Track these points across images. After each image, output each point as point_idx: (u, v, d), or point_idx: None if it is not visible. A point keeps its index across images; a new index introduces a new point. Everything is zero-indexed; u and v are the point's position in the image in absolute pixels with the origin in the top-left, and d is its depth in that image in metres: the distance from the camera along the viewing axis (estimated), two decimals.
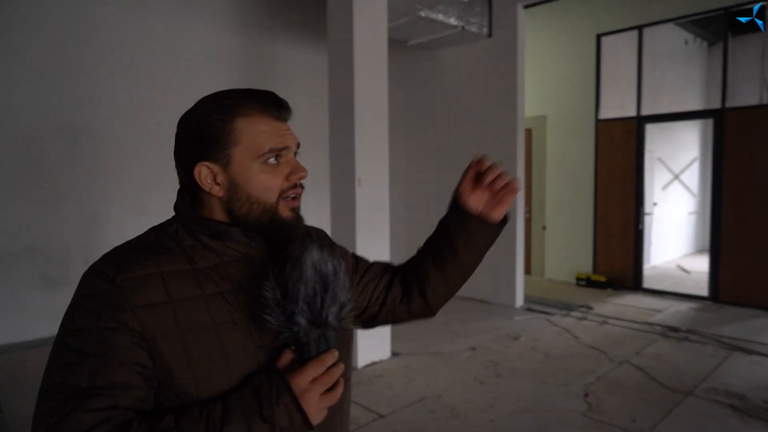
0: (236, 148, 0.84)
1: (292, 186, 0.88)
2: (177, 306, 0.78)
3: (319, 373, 0.77)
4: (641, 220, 6.01)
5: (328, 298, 0.78)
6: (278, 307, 0.77)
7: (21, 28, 4.20)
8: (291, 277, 0.77)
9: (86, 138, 4.57)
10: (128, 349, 0.74)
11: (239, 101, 0.86)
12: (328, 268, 0.79)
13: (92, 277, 0.78)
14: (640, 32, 5.92)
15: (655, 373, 3.63)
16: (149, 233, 0.87)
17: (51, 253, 4.44)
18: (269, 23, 5.61)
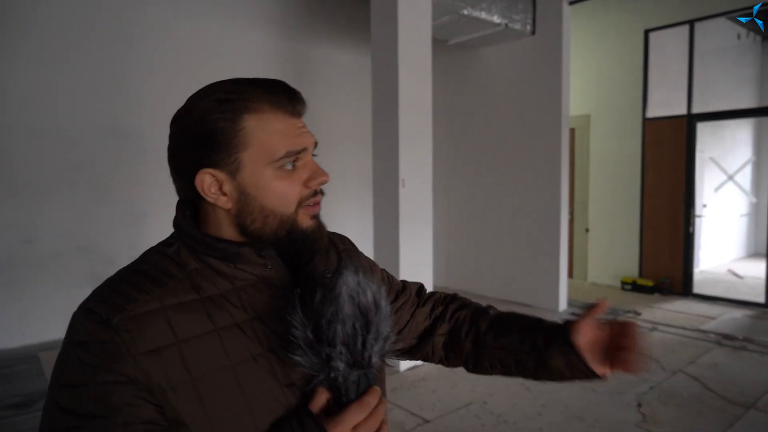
0: (246, 152, 0.71)
1: (313, 193, 0.75)
2: (186, 347, 0.66)
3: (361, 418, 0.67)
4: (692, 222, 5.77)
5: (371, 336, 0.66)
6: (311, 349, 0.65)
7: (70, 35, 4.32)
8: (324, 313, 0.65)
9: (132, 140, 4.68)
10: (134, 406, 0.62)
11: (246, 95, 0.71)
12: (367, 299, 0.67)
13: (83, 319, 0.65)
14: (691, 27, 5.68)
15: (712, 384, 3.46)
16: (147, 257, 0.74)
17: (99, 252, 4.57)
18: (310, 25, 5.63)
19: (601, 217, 6.58)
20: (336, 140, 5.87)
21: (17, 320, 4.17)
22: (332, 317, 0.65)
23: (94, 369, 0.62)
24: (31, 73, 4.16)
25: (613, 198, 6.42)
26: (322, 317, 0.65)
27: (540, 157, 5.33)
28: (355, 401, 0.68)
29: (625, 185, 6.29)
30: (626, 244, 6.30)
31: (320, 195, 0.77)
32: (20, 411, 3.15)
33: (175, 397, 0.64)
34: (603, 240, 6.55)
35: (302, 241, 0.75)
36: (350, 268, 0.69)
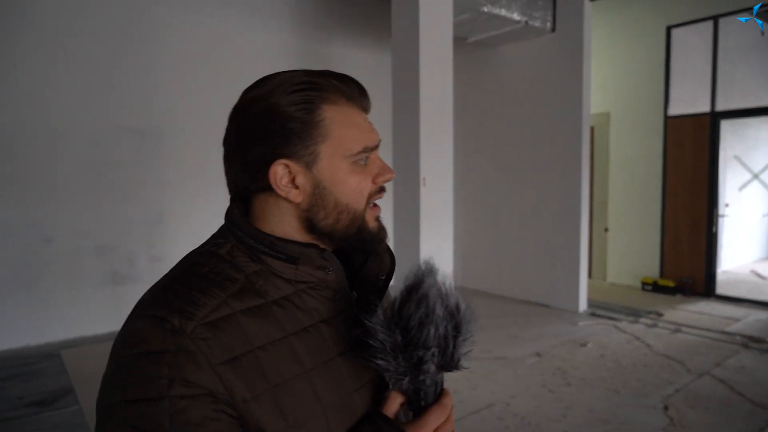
0: (324, 144, 0.68)
1: (379, 190, 0.73)
2: (262, 354, 0.62)
3: (441, 421, 0.67)
4: (715, 222, 5.67)
5: (461, 338, 0.66)
6: (401, 352, 0.63)
7: (91, 36, 4.35)
8: (413, 316, 0.63)
9: (151, 139, 4.70)
10: (215, 420, 0.57)
11: (322, 86, 0.68)
12: (453, 302, 0.67)
13: (149, 328, 0.59)
14: (715, 23, 5.57)
15: (740, 387, 3.38)
16: (199, 260, 0.68)
17: (119, 251, 4.59)
18: (327, 22, 5.62)
19: (620, 216, 6.49)
20: None
21: (38, 318, 4.21)
22: (423, 320, 0.64)
23: (168, 381, 0.57)
24: (52, 74, 4.19)
25: (634, 197, 6.33)
26: (410, 320, 0.64)
27: (560, 156, 5.26)
28: (435, 404, 0.68)
29: (645, 184, 6.20)
30: (647, 244, 6.20)
31: (383, 192, 0.75)
32: (42, 409, 3.17)
33: (257, 407, 0.60)
34: (623, 240, 6.45)
35: (369, 240, 0.73)
36: (433, 272, 0.69)
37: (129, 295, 4.59)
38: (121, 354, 0.60)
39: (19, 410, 3.06)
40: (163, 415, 0.56)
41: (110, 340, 3.09)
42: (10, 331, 4.10)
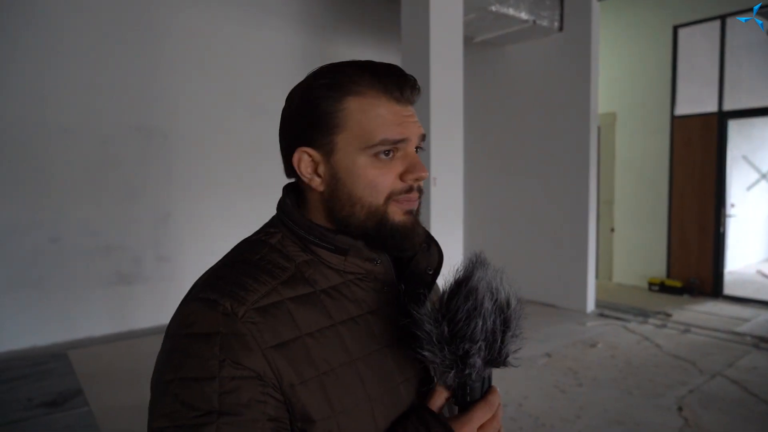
0: (342, 134, 0.68)
1: (407, 189, 0.69)
2: (310, 340, 0.64)
3: (487, 418, 0.66)
4: (722, 222, 5.65)
5: (509, 334, 0.65)
6: (447, 344, 0.63)
7: (98, 34, 4.33)
8: (460, 309, 0.63)
9: (159, 138, 4.68)
10: (262, 402, 0.59)
11: (353, 77, 0.68)
12: (503, 296, 0.66)
13: (203, 310, 0.62)
14: (722, 22, 5.56)
15: (754, 388, 3.36)
16: (251, 248, 0.71)
17: (126, 251, 4.57)
18: (335, 23, 5.60)
19: (626, 216, 6.47)
20: None
21: (45, 318, 4.18)
22: (471, 312, 0.63)
23: (219, 362, 0.59)
24: (60, 74, 4.17)
25: (640, 197, 6.31)
26: (458, 312, 0.63)
27: (568, 156, 5.25)
28: (481, 400, 0.67)
29: (652, 184, 6.18)
30: (653, 245, 6.18)
31: (416, 193, 0.71)
32: (52, 410, 3.15)
33: (304, 392, 0.62)
34: (629, 240, 6.44)
35: (391, 236, 0.70)
36: (485, 264, 0.67)
37: (136, 295, 4.59)
38: (175, 334, 0.63)
39: (29, 411, 3.04)
40: (213, 394, 0.58)
41: (117, 340, 3.09)
42: (18, 332, 4.08)
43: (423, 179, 0.71)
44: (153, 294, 4.66)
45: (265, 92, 5.20)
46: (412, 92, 0.70)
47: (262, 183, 5.19)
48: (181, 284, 4.78)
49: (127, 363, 3.85)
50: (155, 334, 4.46)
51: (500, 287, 0.66)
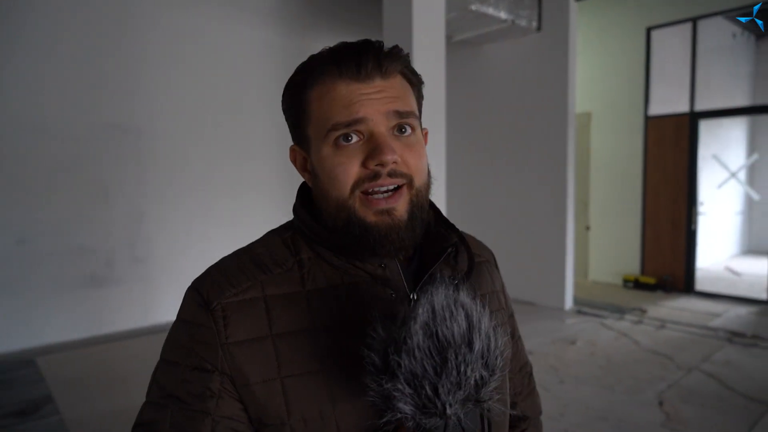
0: (310, 126, 0.65)
1: (371, 176, 0.61)
2: (279, 342, 0.60)
3: None
4: (694, 219, 5.79)
5: (446, 381, 0.50)
6: (375, 378, 0.52)
7: (69, 30, 4.17)
8: (393, 339, 0.51)
9: (132, 136, 4.54)
10: (217, 397, 0.60)
11: (315, 63, 0.65)
12: (452, 331, 0.51)
13: (189, 297, 0.65)
14: (694, 25, 5.70)
15: (730, 382, 3.44)
16: (265, 240, 0.71)
17: (98, 252, 4.42)
18: (314, 21, 5.53)
19: (601, 215, 6.58)
20: None
21: (12, 324, 4.01)
22: (399, 345, 0.51)
23: (187, 351, 0.62)
24: (29, 69, 4.00)
25: (614, 196, 6.42)
26: (390, 343, 0.52)
27: (546, 155, 5.29)
28: None
29: (626, 183, 6.30)
30: (628, 242, 6.30)
31: (389, 179, 0.61)
32: (22, 419, 3.01)
33: (261, 392, 0.60)
34: (604, 238, 6.55)
35: (362, 236, 0.62)
36: (447, 283, 0.55)
37: (109, 298, 4.44)
38: (176, 316, 0.67)
39: None
40: (176, 380, 0.61)
41: (89, 345, 2.97)
42: None
43: (387, 163, 0.61)
44: (127, 296, 4.52)
45: (243, 90, 5.11)
46: (379, 63, 0.62)
47: (240, 182, 5.09)
48: (156, 286, 4.66)
49: (100, 369, 3.72)
50: (129, 338, 4.33)
51: (455, 319, 0.51)
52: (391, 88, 0.63)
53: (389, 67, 0.63)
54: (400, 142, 0.64)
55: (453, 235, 0.71)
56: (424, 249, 0.71)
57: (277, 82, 5.35)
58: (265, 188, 5.29)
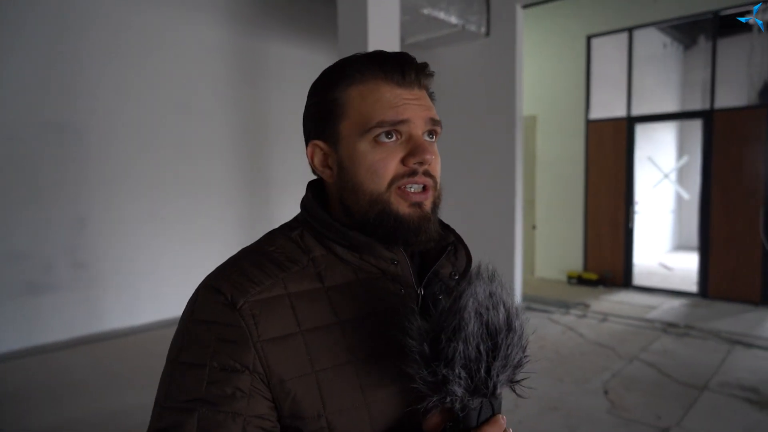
0: (345, 122, 0.68)
1: (410, 173, 0.67)
2: (309, 337, 0.63)
3: None
4: (631, 218, 6.13)
5: (498, 363, 0.56)
6: (426, 365, 0.56)
7: (7, 22, 3.93)
8: (445, 327, 0.56)
9: (73, 136, 4.33)
10: (248, 396, 0.60)
11: (356, 65, 0.69)
12: (499, 318, 0.57)
13: (209, 297, 0.63)
14: (630, 34, 6.03)
15: (666, 369, 3.68)
16: (271, 239, 0.71)
17: (35, 258, 4.18)
18: (264, 19, 5.46)
19: (546, 214, 6.85)
20: (290, 139, 5.73)
21: None
22: (453, 334, 0.55)
23: (213, 352, 0.61)
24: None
25: (559, 196, 6.70)
26: (442, 331, 0.56)
27: (495, 157, 5.45)
28: (473, 430, 0.59)
29: (569, 184, 6.59)
30: (571, 240, 6.59)
31: (423, 178, 0.68)
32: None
33: (295, 388, 0.61)
34: (549, 236, 6.82)
35: (395, 227, 0.67)
36: (483, 276, 0.60)
37: (47, 307, 4.21)
38: (184, 317, 0.65)
39: None
40: (202, 382, 0.60)
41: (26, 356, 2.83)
42: None
43: (427, 162, 0.67)
44: (67, 304, 4.30)
45: (192, 88, 4.97)
46: (417, 75, 0.69)
47: (189, 183, 4.96)
48: (99, 292, 4.46)
49: (39, 380, 3.52)
50: (71, 347, 4.12)
51: (497, 308, 0.57)
52: (425, 98, 0.71)
53: (425, 81, 0.71)
54: (430, 147, 0.69)
55: (450, 234, 0.77)
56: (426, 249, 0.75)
57: (228, 82, 5.25)
58: (216, 189, 5.17)
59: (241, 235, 5.34)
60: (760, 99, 5.38)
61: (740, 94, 5.59)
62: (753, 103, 5.45)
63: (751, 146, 5.30)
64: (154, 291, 4.75)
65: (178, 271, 4.88)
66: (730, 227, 5.45)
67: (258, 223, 5.50)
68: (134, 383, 3.47)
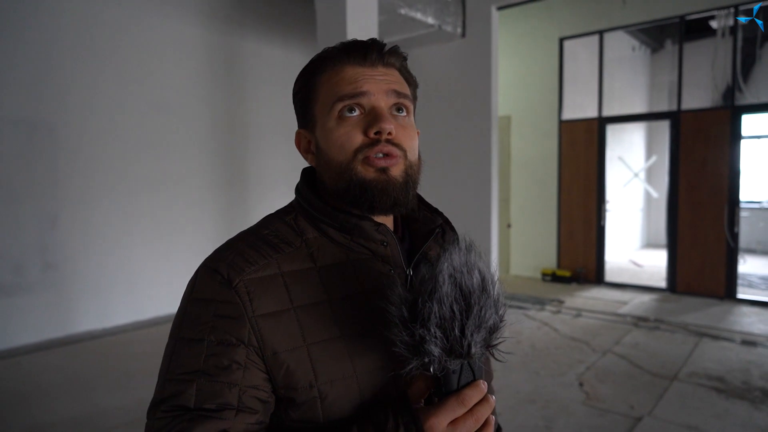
0: (317, 105, 0.73)
1: (371, 143, 0.69)
2: (301, 313, 0.66)
3: (459, 413, 0.61)
4: (603, 216, 6.29)
5: (471, 323, 0.59)
6: (405, 328, 0.59)
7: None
8: (421, 290, 0.60)
9: (44, 133, 4.23)
10: (243, 368, 0.64)
11: (327, 55, 0.73)
12: (472, 281, 0.60)
13: (206, 276, 0.68)
14: (601, 37, 6.19)
15: (638, 361, 3.79)
16: (266, 223, 0.75)
17: (3, 258, 4.08)
18: (239, 17, 5.43)
19: (521, 213, 6.96)
20: (266, 137, 5.70)
21: None
22: (429, 296, 0.59)
23: (211, 327, 0.64)
24: None
25: (533, 195, 6.82)
26: (419, 295, 0.60)
27: (471, 157, 5.53)
28: (453, 393, 0.62)
29: (543, 183, 6.71)
30: (545, 238, 6.72)
31: (386, 146, 0.69)
32: None
33: (288, 362, 0.65)
34: (524, 235, 6.94)
35: (360, 193, 0.69)
36: (461, 246, 0.64)
37: (18, 308, 4.10)
38: (184, 297, 0.69)
39: None
40: (200, 355, 0.64)
41: None
42: None
43: (385, 131, 0.68)
44: (39, 305, 4.20)
45: (167, 86, 4.91)
46: (380, 54, 0.72)
47: (163, 181, 4.89)
48: (72, 293, 4.36)
49: (9, 385, 3.43)
50: (42, 349, 4.02)
51: (471, 272, 0.61)
52: (392, 74, 0.74)
53: (390, 60, 0.73)
54: (397, 121, 0.72)
55: (438, 217, 0.82)
56: (414, 231, 0.81)
57: (201, 79, 5.19)
58: (191, 187, 5.11)
59: (216, 233, 5.29)
60: (723, 101, 5.59)
61: (705, 96, 5.80)
62: (717, 104, 5.66)
63: (715, 146, 5.50)
64: (127, 292, 4.67)
65: (152, 271, 4.81)
66: (696, 225, 5.64)
67: (234, 221, 5.45)
68: (108, 385, 3.41)
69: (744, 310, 5.13)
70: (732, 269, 5.47)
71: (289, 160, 5.77)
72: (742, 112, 5.42)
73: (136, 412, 2.95)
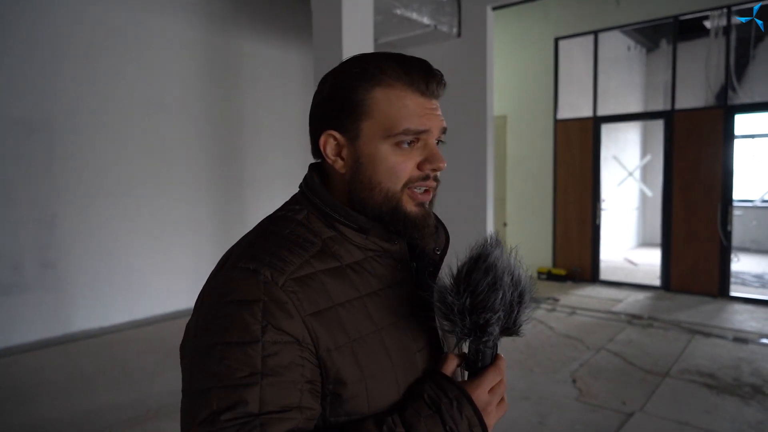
0: (368, 122, 0.73)
1: (424, 177, 0.75)
2: (341, 310, 0.70)
3: (496, 381, 0.72)
4: (598, 215, 6.33)
5: (524, 305, 0.72)
6: (469, 314, 0.69)
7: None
8: (481, 282, 0.69)
9: (41, 133, 4.25)
10: (300, 365, 0.65)
11: (383, 68, 0.73)
12: (517, 273, 0.73)
13: (244, 278, 0.66)
14: (595, 37, 6.23)
15: (631, 358, 3.84)
16: (282, 223, 0.75)
17: (3, 257, 4.09)
18: (234, 16, 5.44)
19: (517, 212, 7.01)
20: (264, 137, 5.72)
21: None
22: (492, 286, 0.69)
23: (262, 327, 0.64)
24: None
25: (528, 194, 6.86)
26: (478, 286, 0.69)
27: (467, 156, 5.56)
28: (491, 365, 0.72)
29: (538, 182, 6.76)
30: (541, 237, 6.76)
31: (432, 182, 0.76)
32: None
33: (338, 357, 0.68)
34: (519, 233, 6.97)
35: (403, 224, 0.75)
36: (499, 245, 0.73)
37: (16, 307, 4.11)
38: (215, 302, 0.67)
39: None
40: (257, 357, 0.63)
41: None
42: None
43: (440, 170, 0.76)
44: (36, 304, 4.21)
45: (164, 86, 4.92)
46: (437, 87, 0.75)
47: (161, 181, 4.91)
48: (69, 292, 4.38)
49: (7, 382, 3.45)
50: (39, 349, 4.04)
51: (515, 265, 0.73)
52: (439, 108, 0.77)
53: (442, 91, 0.77)
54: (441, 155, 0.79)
55: (434, 220, 0.86)
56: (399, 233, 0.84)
57: (199, 79, 5.21)
58: (189, 187, 5.13)
59: (214, 233, 5.31)
60: (716, 100, 5.64)
61: (699, 95, 5.85)
62: (710, 104, 5.71)
63: (708, 145, 5.55)
64: (125, 291, 4.69)
65: (149, 270, 4.83)
66: (690, 224, 5.69)
67: (231, 221, 5.48)
68: (106, 383, 3.43)
69: (737, 308, 5.18)
70: (725, 267, 5.52)
71: (285, 160, 5.79)
72: (735, 112, 5.47)
73: (134, 409, 2.98)
